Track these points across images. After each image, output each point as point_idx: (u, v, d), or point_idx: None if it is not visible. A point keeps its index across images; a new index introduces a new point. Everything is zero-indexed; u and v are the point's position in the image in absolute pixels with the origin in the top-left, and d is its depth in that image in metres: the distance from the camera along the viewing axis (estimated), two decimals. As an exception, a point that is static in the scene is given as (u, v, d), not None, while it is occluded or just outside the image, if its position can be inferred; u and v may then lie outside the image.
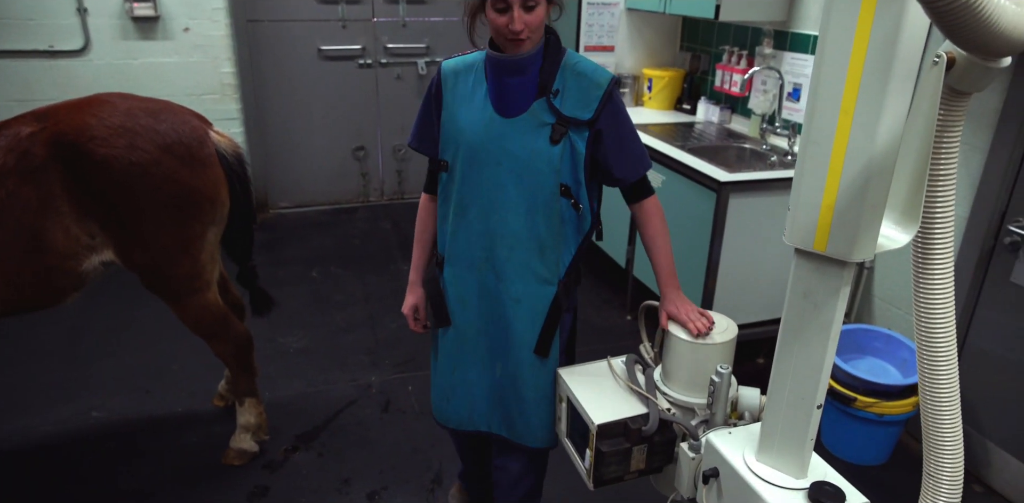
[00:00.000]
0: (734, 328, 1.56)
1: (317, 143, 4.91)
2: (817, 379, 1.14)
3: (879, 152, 0.97)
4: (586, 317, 3.59)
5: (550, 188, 1.54)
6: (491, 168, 1.55)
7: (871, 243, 1.03)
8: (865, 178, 0.99)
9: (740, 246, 2.77)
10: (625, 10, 3.82)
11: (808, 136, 1.03)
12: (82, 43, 4.03)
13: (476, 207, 1.60)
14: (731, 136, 3.36)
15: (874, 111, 0.96)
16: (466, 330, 1.72)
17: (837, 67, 0.96)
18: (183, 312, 2.28)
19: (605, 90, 1.50)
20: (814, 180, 1.04)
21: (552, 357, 1.69)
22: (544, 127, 1.51)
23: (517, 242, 1.59)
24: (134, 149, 2.01)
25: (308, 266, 4.18)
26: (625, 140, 1.56)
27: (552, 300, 1.63)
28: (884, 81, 0.94)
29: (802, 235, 1.07)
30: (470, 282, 1.67)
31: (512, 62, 1.49)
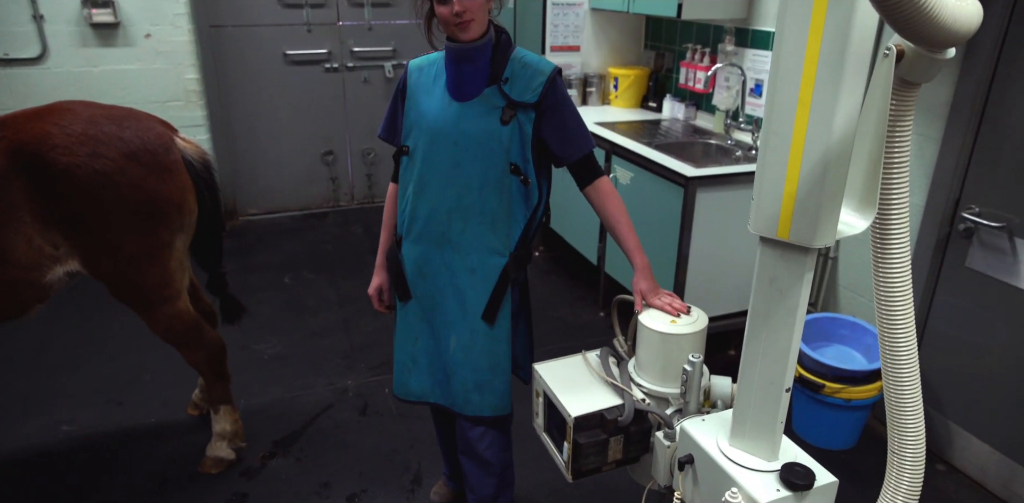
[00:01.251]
0: (704, 318, 1.59)
1: (285, 148, 4.88)
2: (785, 363, 1.18)
3: (836, 141, 1.01)
4: (560, 315, 3.61)
5: (501, 165, 1.69)
6: (449, 147, 1.69)
7: (832, 229, 1.06)
8: (823, 167, 1.03)
9: (708, 240, 2.82)
10: (589, 10, 3.86)
11: (769, 128, 1.06)
12: (39, 51, 3.96)
13: (435, 184, 1.73)
14: (697, 132, 3.41)
15: (830, 103, 0.99)
16: (426, 301, 1.84)
17: (793, 62, 1.00)
18: (153, 321, 2.26)
19: (548, 76, 1.67)
20: (776, 170, 1.07)
21: (500, 326, 1.81)
22: (495, 110, 1.66)
23: (471, 215, 1.73)
24: (97, 157, 1.99)
25: (280, 272, 4.15)
26: (567, 121, 1.71)
27: (501, 270, 1.76)
28: (838, 74, 0.97)
29: (766, 224, 1.11)
30: (428, 255, 1.80)
31: (466, 50, 1.64)
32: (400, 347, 1.93)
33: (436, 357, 1.88)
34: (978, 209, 2.26)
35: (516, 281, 1.82)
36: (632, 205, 3.17)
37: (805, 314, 1.16)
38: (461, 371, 1.84)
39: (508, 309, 1.82)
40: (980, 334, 2.34)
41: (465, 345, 1.82)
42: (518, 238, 1.77)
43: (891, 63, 1.04)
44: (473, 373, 1.84)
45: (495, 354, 1.82)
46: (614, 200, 1.78)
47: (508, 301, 1.81)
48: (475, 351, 1.81)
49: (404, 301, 1.88)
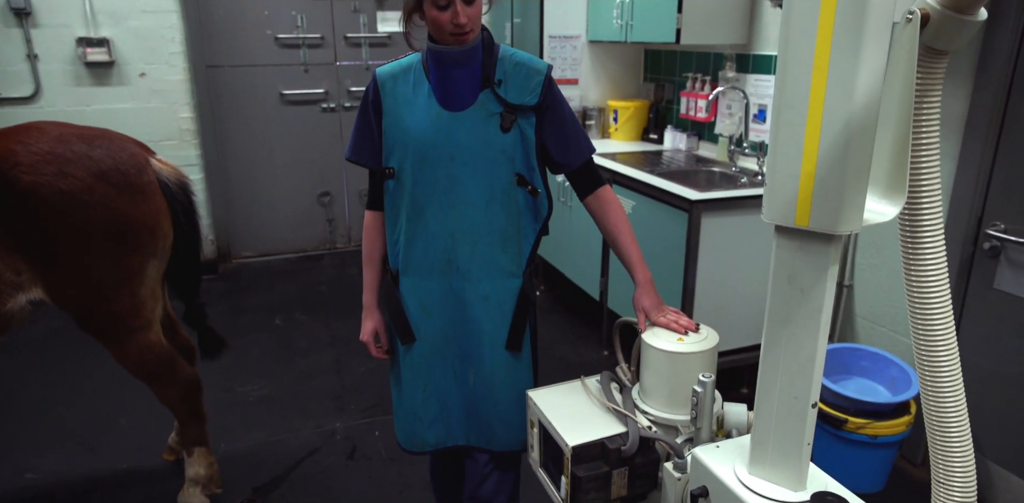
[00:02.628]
0: (715, 336, 1.44)
1: (281, 189, 4.80)
2: (810, 374, 1.02)
3: (859, 109, 0.88)
4: (562, 354, 3.44)
5: (506, 177, 1.54)
6: (444, 164, 1.53)
7: (858, 212, 0.93)
8: (846, 139, 0.89)
9: (716, 269, 2.68)
10: (587, 43, 3.82)
11: (781, 100, 0.94)
12: (32, 89, 3.92)
13: (432, 207, 1.56)
14: (700, 161, 3.31)
15: (850, 65, 0.87)
16: (433, 341, 1.65)
17: (807, 21, 0.88)
18: (122, 354, 2.10)
19: (545, 76, 1.53)
20: (790, 147, 0.94)
21: (525, 352, 1.65)
22: (493, 116, 1.51)
23: (479, 237, 1.57)
24: (64, 176, 1.87)
25: (271, 314, 4.00)
26: (567, 123, 1.57)
27: (519, 292, 1.61)
28: (858, 31, 0.85)
29: (782, 210, 0.97)
30: (433, 288, 1.62)
31: (459, 54, 1.48)
32: (407, 395, 1.72)
33: (451, 398, 1.69)
34: (1004, 226, 2.12)
35: (533, 301, 1.67)
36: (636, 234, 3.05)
37: (831, 316, 1.01)
38: (484, 405, 1.66)
39: (528, 334, 1.67)
40: (1015, 363, 2.16)
41: (486, 379, 1.65)
42: (529, 254, 1.63)
43: (915, 29, 0.92)
44: (496, 406, 1.66)
45: (519, 384, 1.65)
46: (617, 209, 1.64)
47: (528, 325, 1.66)
48: (497, 384, 1.64)
49: (407, 343, 1.67)
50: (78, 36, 3.88)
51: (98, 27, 3.92)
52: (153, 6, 3.96)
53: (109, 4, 3.90)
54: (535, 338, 1.73)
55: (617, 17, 3.38)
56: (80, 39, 3.88)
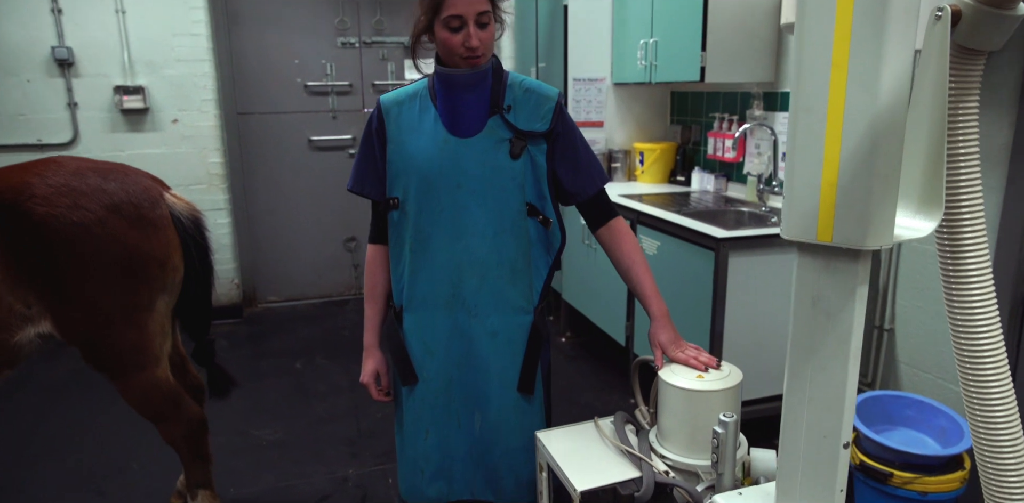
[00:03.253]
0: (738, 374, 1.33)
1: (307, 234, 4.81)
2: (840, 409, 0.91)
3: (884, 109, 0.80)
4: (586, 401, 3.30)
5: (516, 206, 1.47)
6: (450, 192, 1.46)
7: (887, 224, 0.83)
8: (871, 142, 0.81)
9: (746, 311, 2.55)
10: (612, 85, 3.81)
11: (797, 103, 0.86)
12: (71, 136, 4.03)
13: (438, 237, 1.48)
14: (728, 202, 3.22)
15: (872, 61, 0.80)
16: (436, 383, 1.54)
17: (823, 14, 0.81)
18: (128, 390, 2.05)
19: (556, 102, 1.50)
20: (809, 155, 0.86)
21: (537, 395, 1.55)
22: (503, 143, 1.45)
23: (487, 269, 1.49)
24: (77, 208, 1.87)
25: (292, 358, 3.95)
26: (579, 151, 1.52)
27: (530, 329, 1.52)
28: (880, 23, 0.78)
29: (802, 224, 0.88)
30: (437, 325, 1.53)
31: (468, 77, 1.44)
32: (409, 443, 1.62)
33: (455, 446, 1.58)
34: (1055, 262, 1.98)
35: (544, 336, 1.58)
36: (659, 276, 2.93)
37: (861, 343, 0.91)
38: (492, 453, 1.55)
39: (540, 376, 1.57)
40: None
41: (494, 424, 1.54)
42: (541, 289, 1.55)
43: (945, 27, 0.85)
44: (505, 455, 1.55)
45: (531, 430, 1.54)
46: (629, 241, 1.56)
47: (540, 366, 1.56)
48: (505, 429, 1.53)
49: (408, 385, 1.58)
50: (116, 84, 4.00)
51: (135, 76, 4.04)
52: (188, 55, 4.08)
53: (146, 54, 4.03)
54: (548, 381, 1.63)
55: (641, 58, 3.37)
56: (117, 87, 3.99)
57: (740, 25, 2.90)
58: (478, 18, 1.36)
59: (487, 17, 1.37)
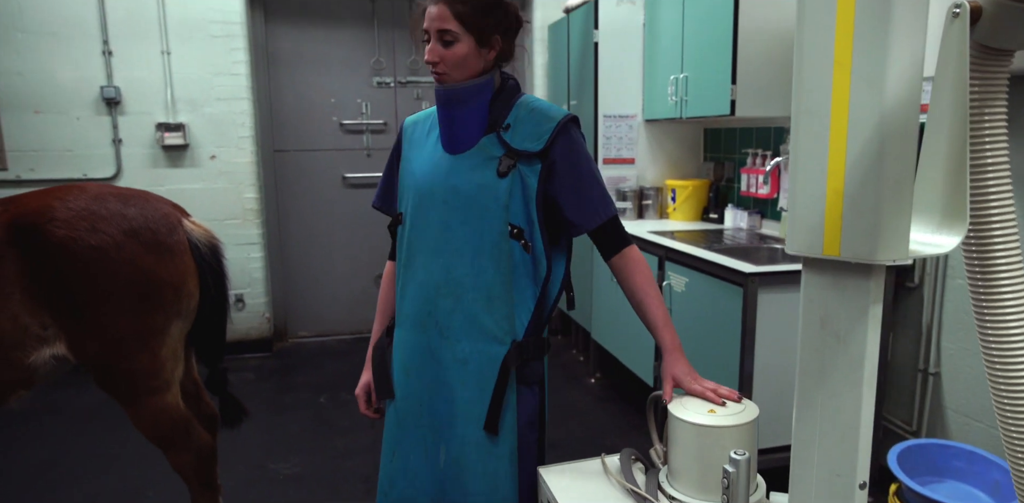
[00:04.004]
0: (755, 409, 1.23)
1: (339, 270, 4.83)
2: (854, 443, 0.81)
3: (892, 108, 0.74)
4: (612, 444, 3.16)
5: (498, 227, 1.39)
6: (437, 208, 1.42)
7: (901, 235, 0.76)
8: (879, 146, 0.75)
9: (777, 351, 2.43)
10: (643, 122, 3.78)
11: (799, 105, 0.80)
12: (114, 171, 4.15)
13: (422, 254, 1.45)
14: (762, 239, 3.12)
15: (877, 57, 0.74)
16: (408, 403, 1.47)
17: (823, 7, 0.76)
18: (137, 415, 2.03)
19: (558, 122, 1.40)
20: (813, 161, 0.80)
21: (505, 439, 1.40)
22: (492, 160, 1.40)
23: (463, 291, 1.41)
24: (95, 232, 1.90)
25: (317, 392, 3.91)
26: (583, 179, 1.42)
27: (501, 363, 1.40)
28: (885, 15, 0.73)
29: (807, 238, 0.81)
30: (415, 344, 1.47)
31: (456, 91, 1.41)
32: (382, 462, 1.56)
33: (419, 477, 1.48)
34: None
35: (528, 378, 1.46)
36: (686, 314, 2.87)
37: (876, 368, 0.82)
38: (451, 493, 1.44)
39: (513, 416, 1.43)
40: None
41: (455, 459, 1.44)
42: (528, 323, 1.43)
43: (964, 24, 0.79)
44: (464, 498, 1.43)
45: (494, 476, 1.41)
46: (642, 270, 1.47)
47: (512, 405, 1.43)
48: (468, 470, 1.42)
49: (382, 398, 1.55)
50: (158, 122, 4.13)
51: (176, 113, 4.16)
52: (228, 94, 4.20)
53: (188, 93, 4.16)
54: (535, 429, 1.49)
55: (672, 93, 3.34)
56: (159, 124, 4.12)
57: (771, 58, 2.85)
58: (440, 35, 1.36)
59: (450, 36, 1.35)
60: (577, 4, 3.90)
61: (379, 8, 4.58)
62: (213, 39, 4.14)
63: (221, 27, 4.14)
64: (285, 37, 4.48)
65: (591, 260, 3.72)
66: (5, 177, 4.04)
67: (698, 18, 3.14)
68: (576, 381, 3.96)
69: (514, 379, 1.43)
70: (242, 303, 4.46)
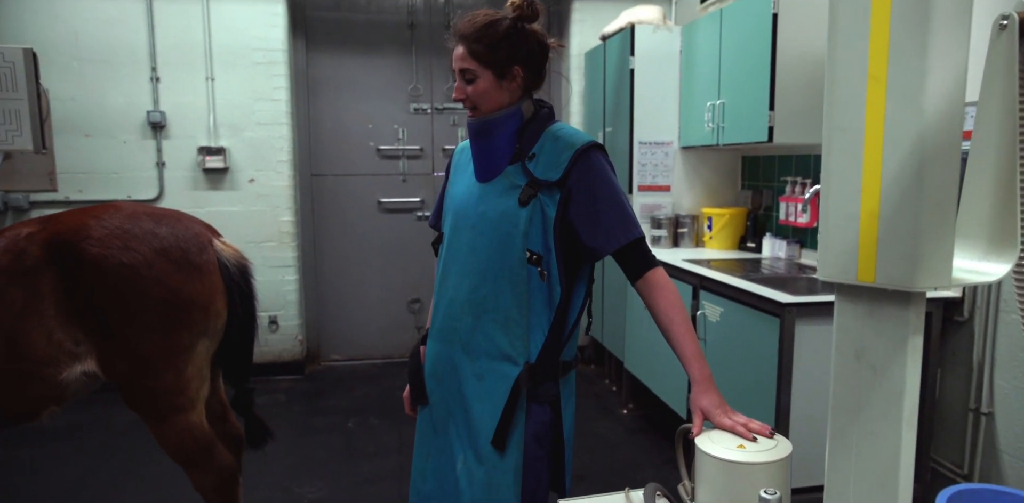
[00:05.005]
0: (787, 446, 1.16)
1: (372, 294, 4.84)
2: (894, 487, 0.75)
3: (932, 125, 0.69)
4: (644, 478, 3.06)
5: (517, 253, 1.45)
6: (467, 232, 1.51)
7: (942, 260, 0.70)
8: (918, 164, 0.69)
9: (816, 385, 2.33)
10: (680, 149, 3.74)
11: (830, 121, 0.76)
12: (156, 193, 4.25)
13: (453, 273, 1.54)
14: (801, 269, 3.03)
15: (915, 69, 0.69)
16: (439, 409, 1.59)
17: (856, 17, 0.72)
18: (162, 434, 2.04)
19: (576, 150, 1.45)
20: (846, 181, 0.75)
21: (511, 453, 1.45)
22: (515, 189, 1.47)
23: (483, 311, 1.49)
24: (127, 250, 1.93)
25: (346, 416, 3.89)
26: (599, 203, 1.44)
27: (513, 383, 1.45)
28: (924, 26, 0.68)
29: (840, 262, 0.76)
30: (441, 355, 1.57)
31: (482, 123, 1.51)
32: (415, 460, 1.66)
33: (448, 478, 1.56)
34: None
35: (540, 398, 1.49)
36: (721, 344, 2.78)
37: (917, 405, 0.75)
38: (463, 499, 1.51)
39: (520, 433, 1.47)
40: None
41: (468, 469, 1.51)
42: (541, 346, 1.47)
43: (1013, 37, 0.74)
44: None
45: (497, 489, 1.46)
46: (668, 294, 1.44)
47: (521, 423, 1.47)
48: (476, 481, 1.49)
49: (418, 404, 1.66)
50: (200, 145, 4.22)
51: (218, 138, 4.25)
52: (268, 119, 4.29)
53: (230, 118, 4.25)
54: (547, 444, 1.51)
55: (708, 120, 3.30)
56: (201, 148, 4.21)
57: (810, 83, 2.80)
58: (462, 74, 1.47)
59: (470, 74, 1.45)
60: (614, 31, 3.91)
61: (418, 36, 4.66)
62: (256, 66, 4.24)
63: (264, 54, 4.25)
64: (325, 64, 4.57)
65: (624, 288, 3.66)
66: (55, 198, 4.16)
67: (736, 43, 3.11)
68: (608, 412, 3.86)
69: (524, 398, 1.47)
70: (275, 325, 4.49)
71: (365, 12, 4.60)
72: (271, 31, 4.25)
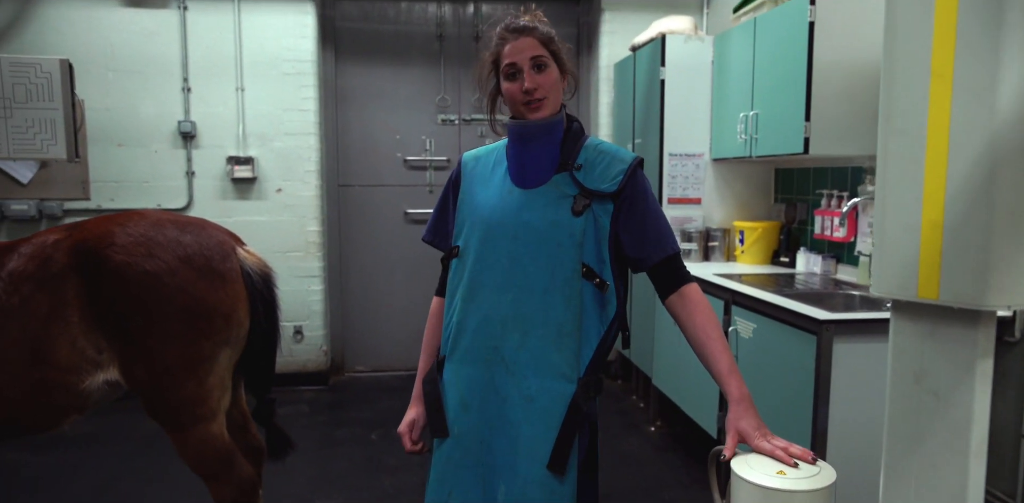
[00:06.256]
0: (831, 473, 1.08)
1: (397, 305, 4.81)
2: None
3: (1005, 125, 0.62)
4: (672, 498, 2.98)
5: (571, 265, 1.40)
6: (507, 242, 1.43)
7: (1017, 275, 0.63)
8: (989, 169, 0.63)
9: (855, 407, 2.23)
10: (711, 161, 3.67)
11: (888, 124, 0.70)
12: (186, 202, 4.27)
13: (488, 288, 1.44)
14: (838, 285, 2.94)
15: (986, 64, 0.63)
16: (468, 442, 1.45)
17: (919, 10, 0.66)
18: (183, 444, 2.02)
19: (630, 165, 1.45)
20: (906, 188, 0.68)
21: (570, 479, 1.37)
22: (566, 199, 1.42)
23: (531, 327, 1.40)
24: (151, 258, 1.92)
25: (369, 428, 3.85)
26: (648, 216, 1.44)
27: (570, 401, 1.38)
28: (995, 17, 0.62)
29: (897, 277, 0.69)
30: (476, 379, 1.45)
31: (535, 127, 1.44)
32: (431, 498, 1.50)
33: None
34: None
35: (588, 416, 1.43)
36: (753, 362, 2.68)
37: (987, 436, 0.68)
38: None
39: (575, 457, 1.40)
40: None
41: (516, 499, 1.39)
42: (589, 360, 1.42)
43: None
44: None
45: None
46: (703, 311, 1.39)
47: (576, 445, 1.40)
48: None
49: (438, 437, 1.50)
50: (229, 155, 4.25)
51: (247, 147, 4.28)
52: (296, 129, 4.30)
53: (259, 128, 4.28)
54: (589, 466, 1.47)
55: (741, 131, 3.23)
56: (230, 158, 4.23)
57: (848, 93, 2.72)
58: (533, 61, 1.40)
59: (543, 59, 1.41)
60: (644, 42, 3.86)
61: (446, 47, 4.65)
62: (285, 77, 4.27)
63: (293, 65, 4.27)
64: (354, 74, 4.58)
65: (653, 303, 3.58)
66: (87, 206, 4.21)
67: (770, 53, 3.04)
68: (635, 429, 3.77)
69: (582, 417, 1.40)
70: (300, 335, 4.47)
71: (394, 23, 4.61)
72: (301, 42, 4.27)
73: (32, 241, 1.97)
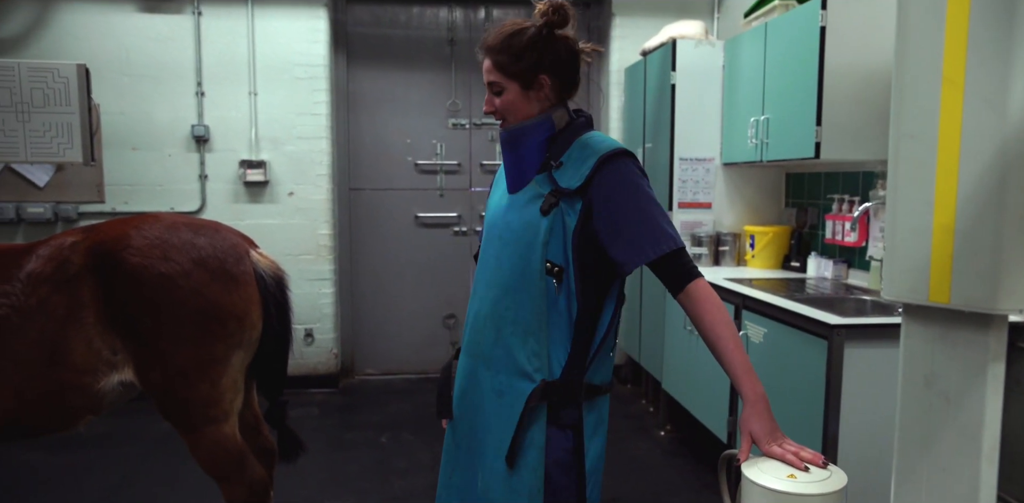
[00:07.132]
0: (842, 478, 1.08)
1: (408, 309, 4.82)
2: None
3: (1016, 129, 0.63)
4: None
5: (536, 264, 1.41)
6: (495, 244, 1.49)
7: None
8: (1000, 173, 0.63)
9: (866, 412, 2.22)
10: (721, 165, 3.67)
11: (899, 128, 0.70)
12: (198, 205, 4.31)
13: (481, 286, 1.53)
14: (849, 290, 2.92)
15: (997, 69, 0.63)
16: (461, 425, 1.56)
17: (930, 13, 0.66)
18: (195, 445, 2.04)
19: (600, 157, 1.39)
20: (917, 192, 0.69)
21: (526, 476, 1.41)
22: (539, 198, 1.44)
23: (503, 324, 1.45)
24: (166, 260, 1.95)
25: (379, 431, 3.86)
26: (625, 214, 1.38)
27: (526, 399, 1.40)
28: (1007, 21, 0.62)
29: (908, 281, 0.70)
30: (468, 370, 1.54)
31: (506, 133, 1.51)
32: (441, 475, 1.64)
33: (468, 496, 1.54)
34: None
35: (561, 421, 1.43)
36: (764, 367, 2.66)
37: (999, 439, 0.69)
38: None
39: (539, 456, 1.41)
40: None
41: (486, 488, 1.48)
42: (564, 364, 1.42)
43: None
44: None
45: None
46: (712, 308, 1.36)
47: (539, 444, 1.41)
48: (492, 500, 1.47)
49: (442, 418, 1.63)
50: (241, 159, 4.28)
51: (259, 151, 4.31)
52: (308, 133, 4.34)
53: (271, 131, 4.31)
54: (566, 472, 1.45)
55: (752, 136, 3.23)
56: (243, 161, 4.27)
57: (860, 97, 2.71)
58: (490, 87, 1.47)
59: (497, 86, 1.45)
60: (655, 46, 3.87)
61: (457, 52, 4.68)
62: (297, 81, 4.30)
63: (305, 69, 4.30)
64: (365, 79, 4.61)
65: (663, 305, 3.58)
66: (102, 209, 4.25)
67: (781, 57, 3.04)
68: (644, 433, 3.77)
69: (544, 418, 1.42)
70: (311, 338, 4.50)
71: (405, 28, 4.64)
72: (313, 47, 4.31)
73: (49, 243, 1.99)
